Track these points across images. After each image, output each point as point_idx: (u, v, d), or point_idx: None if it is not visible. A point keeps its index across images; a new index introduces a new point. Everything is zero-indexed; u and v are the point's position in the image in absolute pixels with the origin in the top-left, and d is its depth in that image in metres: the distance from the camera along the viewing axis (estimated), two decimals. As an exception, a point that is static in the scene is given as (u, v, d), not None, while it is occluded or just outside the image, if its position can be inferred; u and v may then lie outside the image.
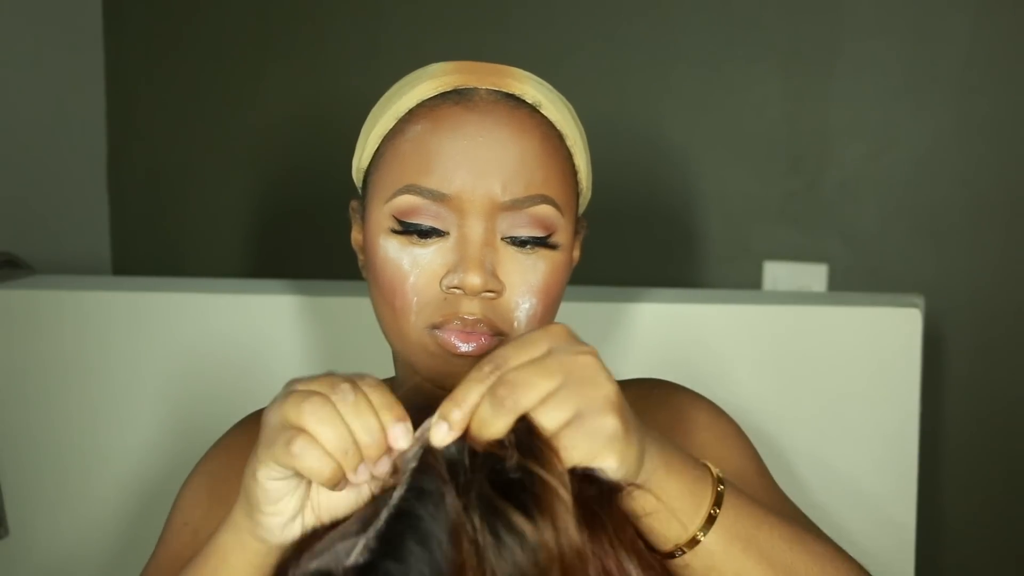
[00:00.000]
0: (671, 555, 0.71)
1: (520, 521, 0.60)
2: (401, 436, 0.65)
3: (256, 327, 1.28)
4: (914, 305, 1.22)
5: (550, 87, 0.85)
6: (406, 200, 0.79)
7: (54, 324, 1.29)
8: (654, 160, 1.60)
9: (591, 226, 0.92)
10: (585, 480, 0.66)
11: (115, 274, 1.76)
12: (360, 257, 0.88)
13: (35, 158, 1.64)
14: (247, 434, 0.91)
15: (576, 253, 0.87)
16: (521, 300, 0.80)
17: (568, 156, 0.84)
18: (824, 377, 1.23)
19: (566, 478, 0.64)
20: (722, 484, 0.72)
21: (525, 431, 0.64)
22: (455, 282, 0.78)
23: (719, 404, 0.96)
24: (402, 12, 1.66)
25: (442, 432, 0.64)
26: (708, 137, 1.60)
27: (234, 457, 0.88)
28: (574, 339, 0.68)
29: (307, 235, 1.68)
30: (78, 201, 1.73)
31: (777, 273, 1.58)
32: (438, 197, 0.78)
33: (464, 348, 0.79)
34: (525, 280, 0.80)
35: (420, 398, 0.75)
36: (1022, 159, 1.52)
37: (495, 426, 0.64)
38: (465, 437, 0.65)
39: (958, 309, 1.53)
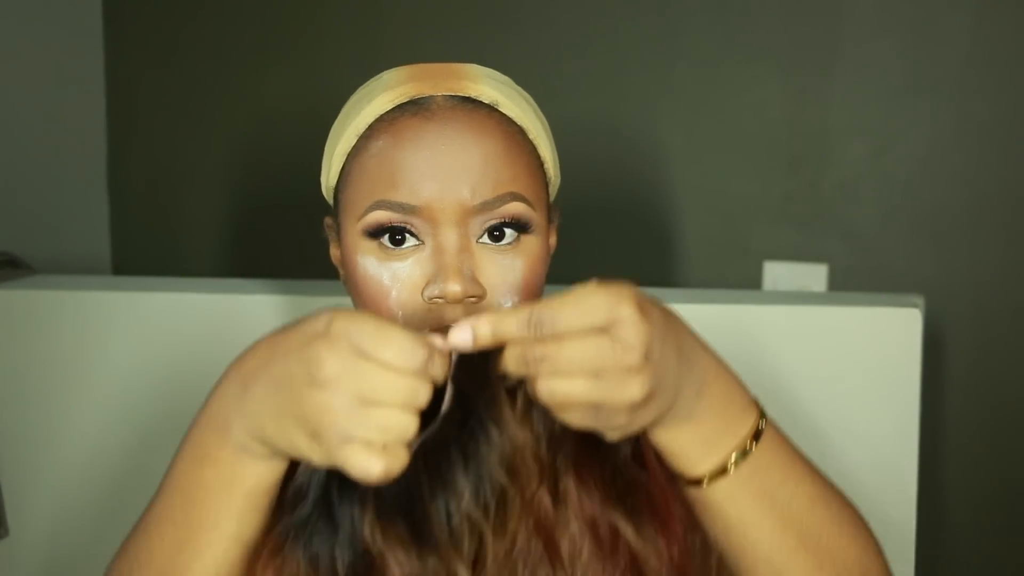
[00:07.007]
0: (696, 482, 0.73)
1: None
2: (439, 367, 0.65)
3: (257, 327, 1.28)
4: (914, 305, 1.22)
5: (506, 81, 0.85)
6: (377, 216, 0.79)
7: (54, 324, 1.28)
8: (654, 160, 1.60)
9: (589, 227, 0.92)
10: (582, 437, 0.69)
11: (115, 274, 1.76)
12: (341, 272, 0.88)
13: (35, 158, 1.64)
14: None
15: (552, 240, 0.87)
16: (504, 300, 0.80)
17: (532, 149, 0.84)
18: (824, 377, 1.22)
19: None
20: (764, 418, 0.74)
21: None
22: (436, 292, 0.78)
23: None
24: (402, 12, 1.66)
25: (465, 336, 0.66)
26: (708, 137, 1.60)
27: None
28: (636, 314, 0.67)
29: (310, 235, 1.67)
30: (78, 201, 1.73)
31: (777, 273, 1.58)
32: (409, 210, 0.78)
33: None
34: (505, 280, 0.80)
35: None
36: (1022, 159, 1.52)
37: (511, 370, 0.66)
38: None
39: (958, 309, 1.53)
